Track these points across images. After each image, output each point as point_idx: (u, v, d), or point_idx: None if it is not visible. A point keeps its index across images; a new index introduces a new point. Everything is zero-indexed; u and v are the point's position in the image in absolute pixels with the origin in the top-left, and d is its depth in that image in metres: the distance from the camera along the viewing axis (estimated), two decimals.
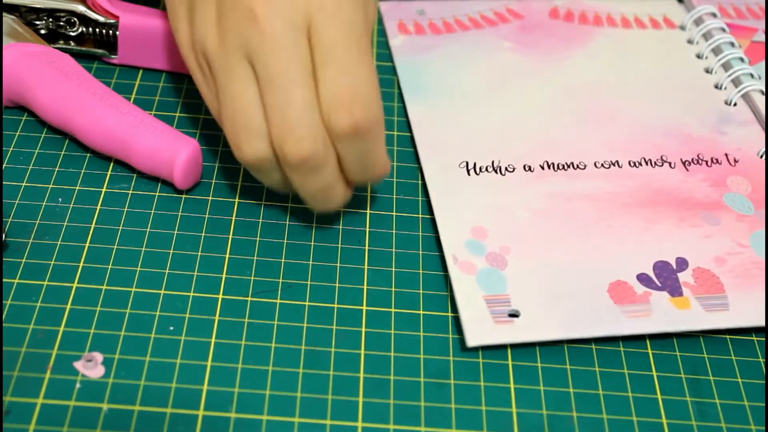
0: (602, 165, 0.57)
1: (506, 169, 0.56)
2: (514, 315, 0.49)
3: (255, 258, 0.51)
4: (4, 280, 0.48)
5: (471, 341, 0.47)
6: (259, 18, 0.45)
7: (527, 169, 0.56)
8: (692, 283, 0.51)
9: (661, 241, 0.53)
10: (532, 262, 0.51)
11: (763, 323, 0.49)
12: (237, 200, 0.53)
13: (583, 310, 0.49)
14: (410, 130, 0.59)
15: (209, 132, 0.57)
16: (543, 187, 0.55)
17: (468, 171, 0.56)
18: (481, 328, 0.48)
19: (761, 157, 0.58)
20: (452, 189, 0.55)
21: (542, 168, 0.56)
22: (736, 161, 0.58)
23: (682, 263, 0.52)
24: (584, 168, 0.57)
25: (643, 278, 0.51)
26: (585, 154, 0.57)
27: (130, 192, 0.53)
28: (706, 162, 0.58)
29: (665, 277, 0.51)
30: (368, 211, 0.54)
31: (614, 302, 0.49)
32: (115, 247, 0.50)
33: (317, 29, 0.46)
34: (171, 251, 0.50)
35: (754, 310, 0.50)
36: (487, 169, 0.56)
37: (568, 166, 0.57)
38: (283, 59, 0.45)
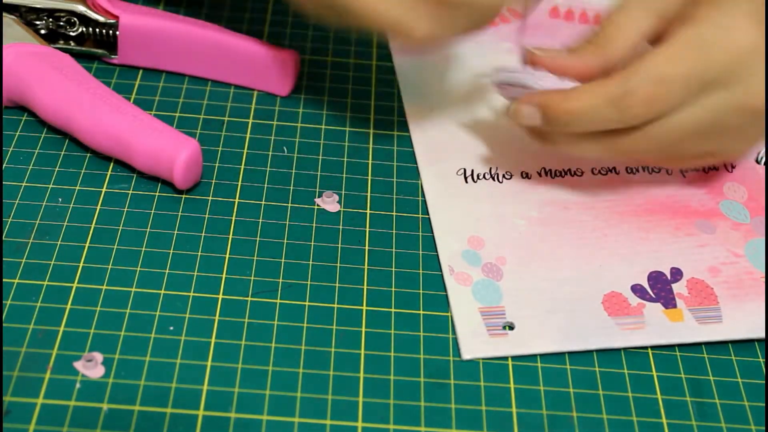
0: (599, 172, 0.57)
1: (504, 176, 0.56)
2: (508, 327, 0.49)
3: (255, 258, 0.51)
4: (4, 280, 0.48)
5: (466, 354, 0.47)
6: None
7: (524, 176, 0.56)
8: (686, 294, 0.51)
9: (657, 251, 0.53)
10: (527, 273, 0.51)
11: (755, 336, 0.49)
12: (237, 200, 0.53)
13: (577, 323, 0.49)
14: (410, 131, 0.59)
15: (209, 132, 0.57)
16: (540, 195, 0.55)
17: (465, 178, 0.56)
18: (476, 341, 0.48)
19: (758, 162, 0.58)
20: (449, 198, 0.55)
21: (539, 175, 0.56)
22: (733, 167, 0.58)
23: (677, 273, 0.52)
24: (581, 175, 0.56)
25: (637, 289, 0.51)
26: (582, 160, 0.57)
27: (130, 192, 0.53)
28: (703, 168, 0.57)
29: (659, 288, 0.51)
30: (368, 211, 0.54)
31: (608, 314, 0.50)
32: (115, 247, 0.50)
33: None
34: (171, 251, 0.50)
35: (748, 322, 0.50)
36: (484, 177, 0.56)
37: (566, 173, 0.56)
38: None
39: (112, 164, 0.54)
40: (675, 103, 0.48)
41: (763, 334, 0.49)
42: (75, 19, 0.59)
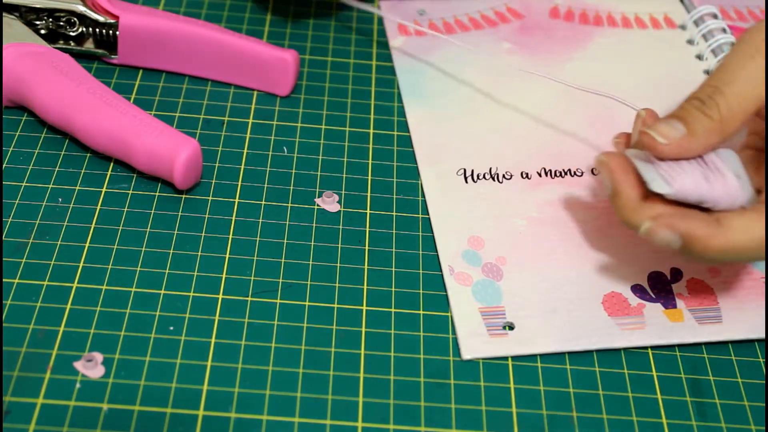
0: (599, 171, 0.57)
1: (504, 176, 0.56)
2: (508, 327, 0.49)
3: (255, 258, 0.51)
4: (4, 280, 0.48)
5: (466, 354, 0.47)
6: None
7: (525, 176, 0.56)
8: (686, 294, 0.51)
9: (657, 251, 0.53)
10: (527, 273, 0.51)
11: (755, 336, 0.49)
12: (237, 200, 0.53)
13: (577, 324, 0.49)
14: (410, 131, 0.59)
15: (209, 132, 0.57)
16: (540, 195, 0.55)
17: (465, 178, 0.56)
18: (476, 341, 0.48)
19: None
20: (450, 198, 0.55)
21: (539, 175, 0.56)
22: None
23: (677, 274, 0.52)
24: (581, 175, 0.57)
25: (637, 289, 0.51)
26: (582, 160, 0.57)
27: (130, 192, 0.53)
28: None
29: (659, 289, 0.51)
30: (368, 211, 0.54)
31: (608, 314, 0.50)
32: (115, 247, 0.50)
33: None
34: (171, 251, 0.50)
35: (748, 322, 0.50)
36: (484, 177, 0.56)
37: (566, 173, 0.56)
38: None
39: (112, 164, 0.54)
40: None
41: (763, 334, 0.49)
42: (75, 19, 0.59)
